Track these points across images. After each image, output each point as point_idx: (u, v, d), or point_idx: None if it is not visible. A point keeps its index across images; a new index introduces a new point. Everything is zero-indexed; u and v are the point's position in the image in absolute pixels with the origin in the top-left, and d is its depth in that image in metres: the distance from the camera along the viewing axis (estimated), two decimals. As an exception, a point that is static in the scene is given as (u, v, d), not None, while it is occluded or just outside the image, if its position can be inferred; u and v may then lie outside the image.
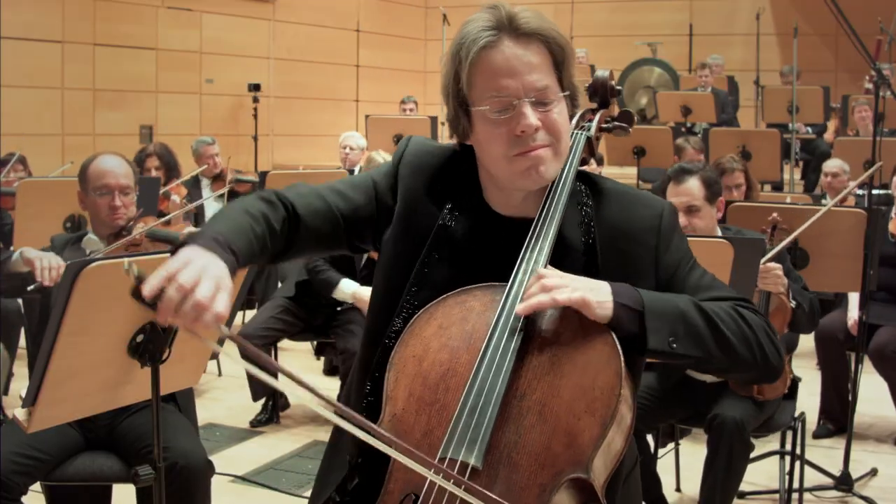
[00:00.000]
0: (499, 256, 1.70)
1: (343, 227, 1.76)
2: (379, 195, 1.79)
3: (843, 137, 8.89)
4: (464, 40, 1.66)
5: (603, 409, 1.52)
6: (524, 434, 1.54)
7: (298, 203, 1.72)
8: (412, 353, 1.63)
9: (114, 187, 3.40)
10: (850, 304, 4.75)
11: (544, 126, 1.65)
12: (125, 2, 10.40)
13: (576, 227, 1.73)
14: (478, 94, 1.67)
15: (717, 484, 3.30)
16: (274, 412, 5.05)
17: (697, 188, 3.47)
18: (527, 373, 1.57)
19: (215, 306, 1.42)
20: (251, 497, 4.11)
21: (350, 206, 1.76)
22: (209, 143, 7.04)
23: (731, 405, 3.35)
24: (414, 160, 1.81)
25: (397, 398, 1.60)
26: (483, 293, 1.66)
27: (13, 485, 2.80)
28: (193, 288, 1.41)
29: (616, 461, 1.59)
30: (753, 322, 1.67)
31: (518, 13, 1.66)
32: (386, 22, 13.88)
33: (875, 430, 4.99)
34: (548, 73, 1.66)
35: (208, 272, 1.44)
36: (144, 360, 2.39)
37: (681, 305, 1.63)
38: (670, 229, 1.76)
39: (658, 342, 1.59)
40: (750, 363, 1.66)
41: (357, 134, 7.69)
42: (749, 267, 3.21)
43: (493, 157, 1.68)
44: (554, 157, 1.68)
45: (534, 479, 1.51)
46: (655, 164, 7.98)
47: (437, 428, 1.56)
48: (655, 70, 12.20)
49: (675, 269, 1.74)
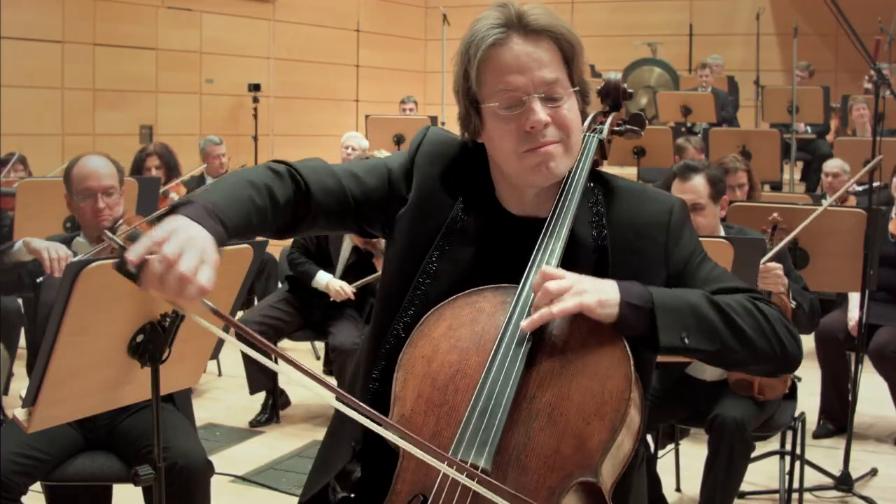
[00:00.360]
0: (509, 256, 1.69)
1: (353, 209, 1.75)
2: (392, 182, 1.77)
3: (843, 137, 8.89)
4: (473, 38, 1.66)
5: (612, 412, 1.52)
6: (533, 437, 1.53)
7: (311, 179, 1.70)
8: (421, 353, 1.62)
9: (96, 189, 3.35)
10: (851, 304, 4.75)
11: (554, 122, 1.65)
12: (125, 2, 10.40)
13: (587, 224, 1.73)
14: (487, 92, 1.66)
15: (718, 484, 3.30)
16: (274, 412, 5.05)
17: (703, 186, 3.49)
18: (537, 376, 1.57)
19: (199, 279, 1.39)
20: (251, 497, 4.11)
21: (362, 190, 1.75)
22: (217, 143, 7.09)
23: (731, 405, 3.35)
24: (432, 150, 1.80)
25: (406, 399, 1.59)
26: (493, 294, 1.66)
27: (13, 485, 2.80)
28: (177, 260, 1.38)
29: (624, 464, 1.58)
30: (769, 313, 1.66)
31: (527, 10, 1.66)
32: (386, 22, 13.87)
33: (875, 430, 4.99)
34: (557, 69, 1.66)
35: (193, 244, 1.41)
36: (144, 360, 2.39)
37: (691, 299, 1.62)
38: (680, 225, 1.76)
39: (669, 339, 1.58)
40: (769, 355, 1.65)
41: (359, 134, 7.69)
42: (749, 267, 3.21)
43: (504, 153, 1.68)
44: (565, 154, 1.67)
45: (543, 482, 1.51)
46: (655, 164, 7.97)
47: (445, 429, 1.55)
48: (655, 70, 12.20)
49: (686, 264, 1.74)
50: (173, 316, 2.37)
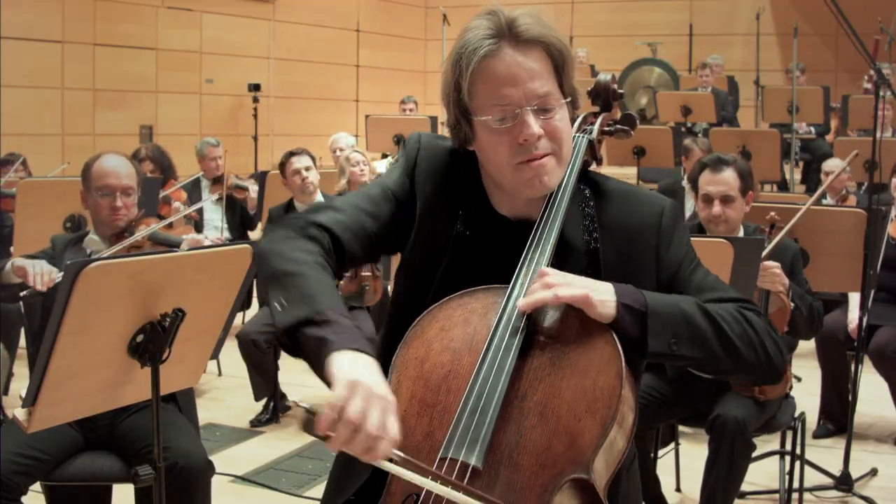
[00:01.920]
0: (502, 258, 1.70)
1: (375, 244, 1.76)
2: (400, 204, 1.78)
3: (843, 137, 8.89)
4: (463, 49, 1.65)
5: (604, 409, 1.53)
6: (525, 434, 1.54)
7: (339, 232, 1.71)
8: (414, 354, 1.63)
9: (116, 188, 3.37)
10: (851, 304, 4.75)
11: (547, 133, 1.65)
12: (125, 2, 10.41)
13: (578, 227, 1.73)
14: (479, 104, 1.66)
15: (719, 484, 3.30)
16: (274, 412, 5.05)
17: (733, 178, 3.53)
18: (528, 374, 1.57)
19: (389, 434, 1.43)
20: (251, 497, 4.11)
21: (379, 224, 1.76)
22: (214, 145, 7.07)
23: (732, 405, 3.35)
24: (428, 166, 1.80)
25: (399, 400, 1.59)
26: (485, 295, 1.67)
27: (13, 485, 2.80)
28: (362, 423, 1.41)
29: (618, 461, 1.59)
30: (756, 324, 1.68)
31: (517, 18, 1.65)
32: (386, 22, 13.88)
33: (875, 430, 4.99)
34: (549, 79, 1.66)
35: (373, 400, 1.43)
36: (144, 360, 2.39)
37: (684, 307, 1.63)
38: (671, 227, 1.76)
39: (659, 345, 1.59)
40: (754, 365, 1.67)
41: (344, 134, 7.66)
42: (749, 266, 3.21)
43: (497, 165, 1.68)
44: (557, 165, 1.68)
45: (535, 480, 1.51)
46: (655, 164, 7.97)
47: (438, 430, 1.56)
48: (655, 70, 12.20)
49: (677, 269, 1.74)
50: (173, 315, 2.37)
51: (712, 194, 3.53)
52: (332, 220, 1.72)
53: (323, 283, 1.58)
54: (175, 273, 2.39)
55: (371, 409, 1.42)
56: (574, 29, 12.39)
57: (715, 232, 3.53)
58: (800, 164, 10.11)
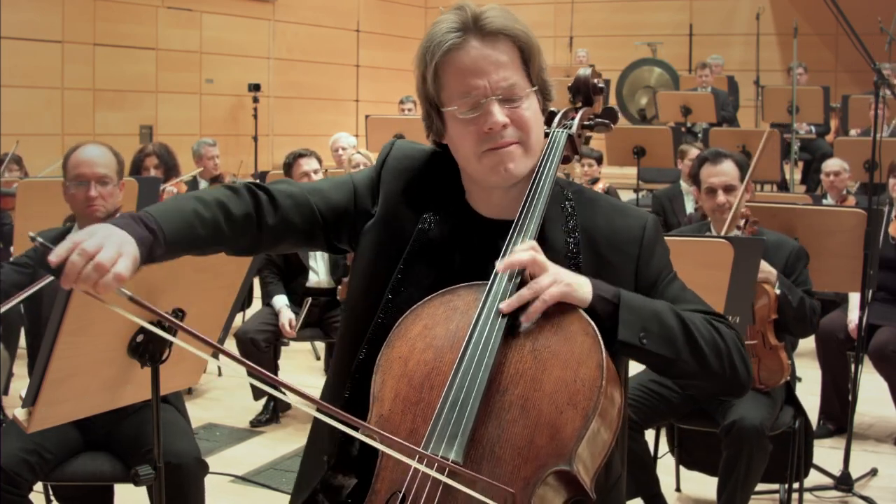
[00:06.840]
0: (481, 257, 1.71)
1: (321, 224, 1.77)
2: (358, 196, 1.80)
3: (843, 137, 8.89)
4: (430, 42, 1.68)
5: (585, 401, 1.53)
6: (507, 428, 1.54)
7: (278, 195, 1.74)
8: (398, 354, 1.64)
9: (89, 177, 3.20)
10: (851, 304, 4.75)
11: (513, 122, 1.67)
12: (125, 2, 10.41)
13: (559, 227, 1.74)
14: (447, 95, 1.69)
15: (738, 487, 3.33)
16: (274, 412, 5.05)
17: (732, 169, 3.68)
18: (509, 368, 1.58)
19: (115, 268, 1.46)
20: (251, 497, 4.11)
21: (329, 206, 1.78)
22: (210, 145, 7.07)
23: (744, 407, 3.33)
24: (397, 164, 1.82)
25: (384, 399, 1.61)
26: (467, 292, 1.67)
27: (21, 481, 2.80)
28: (96, 253, 1.46)
29: (604, 454, 1.59)
30: (726, 335, 1.70)
31: (483, 13, 1.67)
32: (386, 22, 13.89)
33: (875, 430, 4.99)
34: (515, 69, 1.68)
35: (111, 240, 1.49)
36: (144, 360, 2.39)
37: (656, 306, 1.66)
38: (653, 241, 1.78)
39: (628, 335, 1.60)
40: (718, 373, 1.68)
41: (345, 134, 7.67)
42: (748, 266, 3.22)
43: (464, 155, 1.70)
44: (524, 154, 1.69)
45: (517, 473, 1.52)
46: (655, 164, 7.98)
47: (421, 427, 1.57)
48: (655, 70, 12.21)
49: (655, 280, 1.76)
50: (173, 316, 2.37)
51: (715, 185, 3.65)
52: (278, 187, 1.76)
53: (167, 203, 1.65)
54: (175, 273, 2.39)
55: (107, 247, 1.47)
56: (574, 29, 12.41)
57: (720, 220, 3.63)
58: (799, 164, 10.12)
